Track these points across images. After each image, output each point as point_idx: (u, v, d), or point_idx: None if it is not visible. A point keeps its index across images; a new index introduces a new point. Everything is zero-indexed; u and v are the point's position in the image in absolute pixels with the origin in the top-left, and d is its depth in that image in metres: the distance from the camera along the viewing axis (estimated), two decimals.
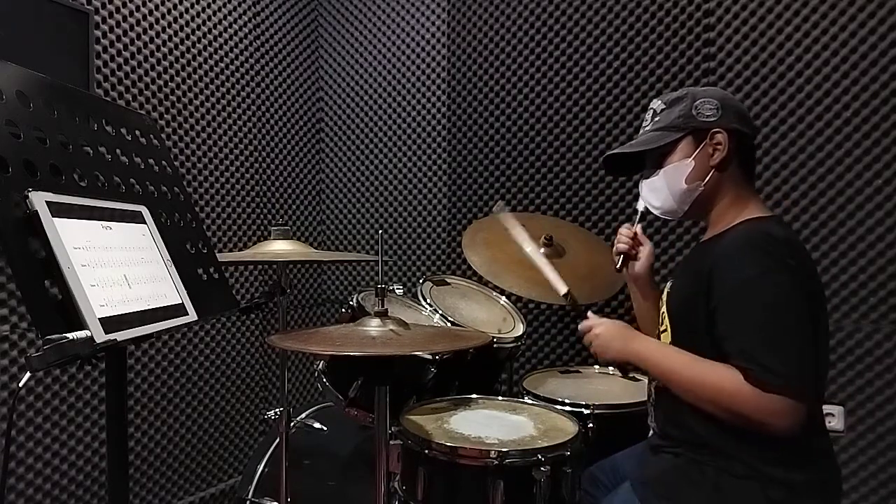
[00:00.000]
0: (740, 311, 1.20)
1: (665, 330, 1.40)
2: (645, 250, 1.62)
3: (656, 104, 1.44)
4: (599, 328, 1.45)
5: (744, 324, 1.19)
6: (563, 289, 1.57)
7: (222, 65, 2.68)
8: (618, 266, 1.63)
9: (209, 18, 2.62)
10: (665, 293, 1.44)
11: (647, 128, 1.44)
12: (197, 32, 2.57)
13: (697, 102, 1.36)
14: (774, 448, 1.19)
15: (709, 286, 1.25)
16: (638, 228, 1.63)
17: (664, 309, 1.42)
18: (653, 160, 1.43)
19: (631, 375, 1.80)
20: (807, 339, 1.18)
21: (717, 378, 1.21)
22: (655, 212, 1.46)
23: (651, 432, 1.45)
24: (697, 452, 1.28)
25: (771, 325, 1.17)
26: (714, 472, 1.24)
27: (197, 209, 2.52)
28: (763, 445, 1.19)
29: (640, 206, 1.58)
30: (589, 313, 1.51)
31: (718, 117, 1.34)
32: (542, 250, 2.11)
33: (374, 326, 1.32)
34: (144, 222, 1.18)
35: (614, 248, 1.64)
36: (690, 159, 1.35)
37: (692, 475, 1.27)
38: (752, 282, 1.19)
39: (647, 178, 1.45)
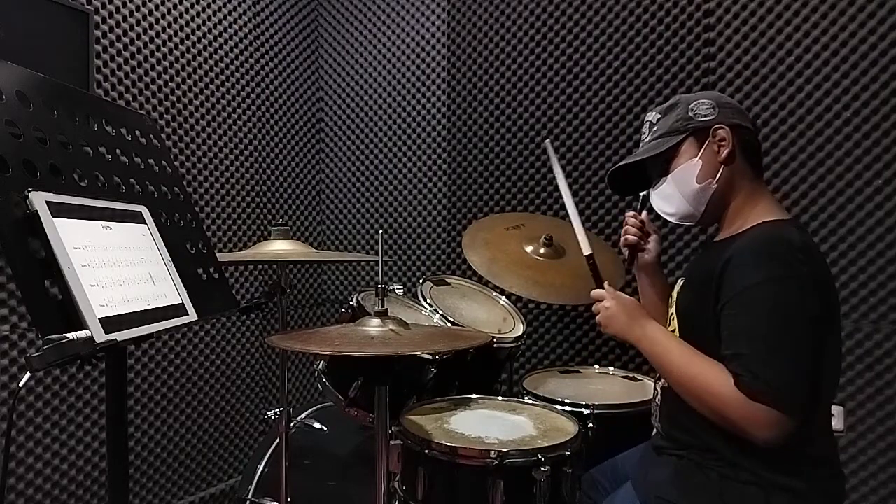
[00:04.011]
0: (742, 315, 1.19)
1: (673, 330, 1.39)
2: (652, 240, 1.59)
3: (651, 116, 1.44)
4: (610, 301, 1.42)
5: (742, 328, 1.18)
6: (587, 250, 1.55)
7: (222, 65, 2.68)
8: (627, 264, 1.60)
9: (209, 18, 2.62)
10: (675, 292, 1.42)
11: (647, 139, 1.44)
12: (197, 32, 2.57)
13: (692, 104, 1.36)
14: (778, 455, 1.18)
15: (718, 287, 1.23)
16: (644, 215, 1.60)
17: (673, 309, 1.41)
18: (657, 169, 1.42)
19: (631, 376, 1.78)
20: (804, 351, 1.16)
21: (709, 377, 1.20)
22: (671, 219, 1.43)
23: (654, 432, 1.44)
24: (702, 456, 1.27)
25: (769, 334, 1.16)
26: (718, 477, 1.24)
27: (197, 209, 2.52)
28: (767, 452, 1.18)
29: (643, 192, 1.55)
30: (606, 284, 1.48)
31: (716, 114, 1.34)
32: (543, 250, 2.12)
33: (374, 326, 1.32)
34: (144, 222, 1.18)
35: (622, 241, 1.61)
36: (697, 158, 1.34)
37: (696, 478, 1.27)
38: (758, 287, 1.17)
39: (656, 187, 1.43)
